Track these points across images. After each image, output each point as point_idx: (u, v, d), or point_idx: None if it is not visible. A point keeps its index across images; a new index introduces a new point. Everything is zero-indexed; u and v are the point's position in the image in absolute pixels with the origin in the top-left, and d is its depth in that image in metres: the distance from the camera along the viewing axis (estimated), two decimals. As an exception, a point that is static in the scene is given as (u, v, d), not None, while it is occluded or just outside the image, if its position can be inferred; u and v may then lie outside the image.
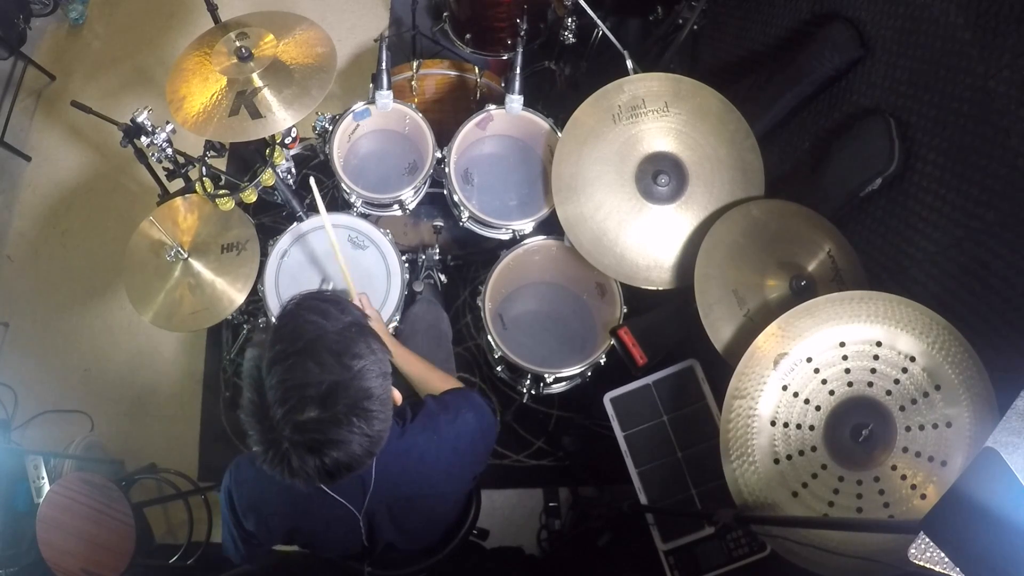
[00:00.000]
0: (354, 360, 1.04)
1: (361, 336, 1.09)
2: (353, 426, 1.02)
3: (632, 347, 1.84)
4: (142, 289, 1.93)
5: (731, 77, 2.24)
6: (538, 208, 2.02)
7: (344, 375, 1.03)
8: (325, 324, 1.06)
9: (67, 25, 3.20)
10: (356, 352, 1.06)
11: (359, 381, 1.04)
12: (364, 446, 1.04)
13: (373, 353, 1.08)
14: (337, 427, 1.01)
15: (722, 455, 1.52)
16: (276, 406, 1.00)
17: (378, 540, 1.38)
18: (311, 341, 1.04)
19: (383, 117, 2.10)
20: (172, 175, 1.96)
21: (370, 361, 1.07)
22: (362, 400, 1.04)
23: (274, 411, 1.00)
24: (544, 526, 2.47)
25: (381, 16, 3.19)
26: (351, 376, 1.03)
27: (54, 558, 1.94)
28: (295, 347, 1.02)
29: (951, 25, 1.47)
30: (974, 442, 1.41)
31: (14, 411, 2.59)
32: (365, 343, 1.09)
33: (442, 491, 1.41)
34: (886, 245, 1.67)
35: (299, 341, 1.03)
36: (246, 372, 1.05)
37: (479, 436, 1.40)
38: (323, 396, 1.00)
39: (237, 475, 1.32)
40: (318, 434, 1.01)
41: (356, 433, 1.03)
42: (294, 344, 1.03)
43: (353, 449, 1.03)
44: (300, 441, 1.00)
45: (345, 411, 1.02)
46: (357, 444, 1.03)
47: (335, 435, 1.01)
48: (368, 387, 1.05)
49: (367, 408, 1.04)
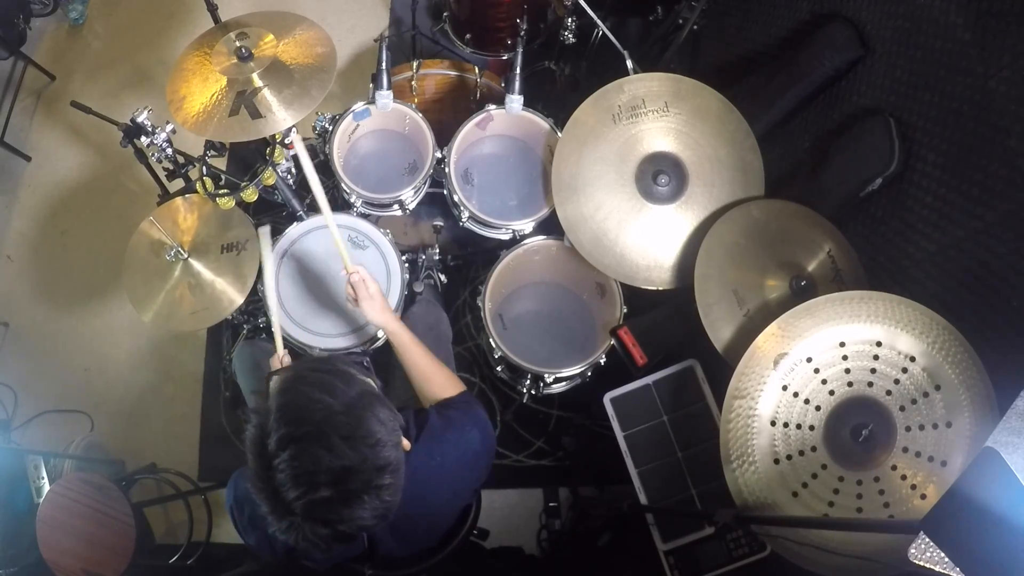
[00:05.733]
0: (365, 440, 1.02)
1: (370, 409, 1.06)
2: (365, 503, 1.01)
3: (632, 347, 1.84)
4: (142, 289, 1.93)
5: (731, 77, 2.23)
6: (538, 208, 2.02)
7: (355, 459, 1.00)
8: (332, 403, 1.03)
9: (67, 25, 3.20)
10: (367, 431, 1.03)
11: (372, 461, 1.02)
12: (376, 515, 1.04)
13: (383, 426, 1.06)
14: (350, 506, 1.00)
15: (722, 455, 1.52)
16: (287, 489, 0.98)
17: (378, 548, 1.39)
18: (319, 423, 1.00)
19: (383, 117, 2.10)
20: (172, 175, 1.96)
21: (382, 435, 1.04)
22: (375, 479, 1.02)
23: (284, 493, 0.98)
24: (544, 526, 2.47)
25: (381, 16, 3.19)
26: (362, 459, 1.01)
27: (54, 558, 1.94)
28: (302, 430, 0.99)
29: (951, 25, 1.47)
30: (974, 442, 1.41)
31: (14, 411, 2.59)
32: (375, 417, 1.05)
33: (444, 508, 1.42)
34: (886, 245, 1.67)
35: (305, 424, 1.00)
36: (249, 439, 1.02)
37: (483, 454, 1.39)
38: (335, 480, 0.98)
39: (236, 493, 1.31)
40: (331, 514, 1.00)
41: (367, 508, 1.01)
42: (300, 427, 0.99)
43: (366, 520, 1.02)
44: (312, 517, 0.99)
45: (358, 490, 1.00)
46: (369, 515, 1.02)
47: (348, 514, 1.00)
48: (381, 465, 1.03)
49: (380, 484, 1.02)
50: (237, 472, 1.33)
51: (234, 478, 1.33)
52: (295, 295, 1.95)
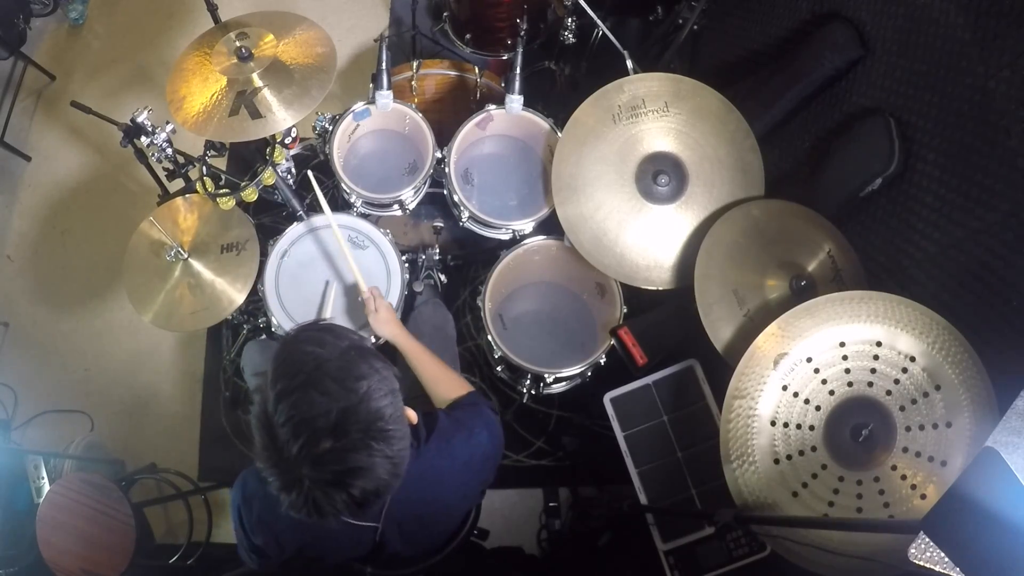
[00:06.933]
0: (358, 383, 1.03)
1: (361, 357, 1.07)
2: (372, 450, 1.00)
3: (632, 347, 1.84)
4: (142, 289, 1.93)
5: (731, 77, 2.23)
6: (538, 208, 2.02)
7: (351, 399, 1.01)
8: (323, 352, 1.05)
9: (67, 25, 3.20)
10: (359, 374, 1.04)
11: (368, 403, 1.02)
12: (388, 468, 1.03)
13: (377, 372, 1.07)
14: (356, 453, 1.00)
15: (722, 455, 1.52)
16: (289, 444, 0.98)
17: (384, 549, 1.39)
18: (312, 371, 1.02)
19: (383, 117, 2.10)
20: (172, 175, 1.96)
21: (375, 380, 1.05)
22: (375, 421, 1.02)
23: (288, 450, 0.98)
24: (544, 526, 2.47)
25: (381, 16, 3.19)
26: (358, 399, 1.01)
27: (54, 558, 1.94)
28: (296, 381, 1.00)
29: (951, 25, 1.47)
30: (974, 442, 1.41)
31: (14, 411, 2.59)
32: (367, 363, 1.07)
33: (453, 509, 1.42)
34: (886, 245, 1.67)
35: (300, 374, 1.01)
36: (254, 417, 1.03)
37: (491, 454, 1.40)
38: (334, 425, 0.99)
39: (245, 491, 1.30)
40: (338, 465, 0.99)
41: (377, 456, 1.01)
42: (295, 378, 1.01)
43: (378, 473, 1.02)
44: (321, 477, 0.99)
45: (360, 436, 1.00)
46: (381, 468, 1.02)
47: (355, 462, 1.00)
48: (378, 407, 1.03)
49: (382, 429, 1.02)
50: (245, 472, 1.32)
51: (242, 477, 1.32)
52: (295, 295, 1.95)
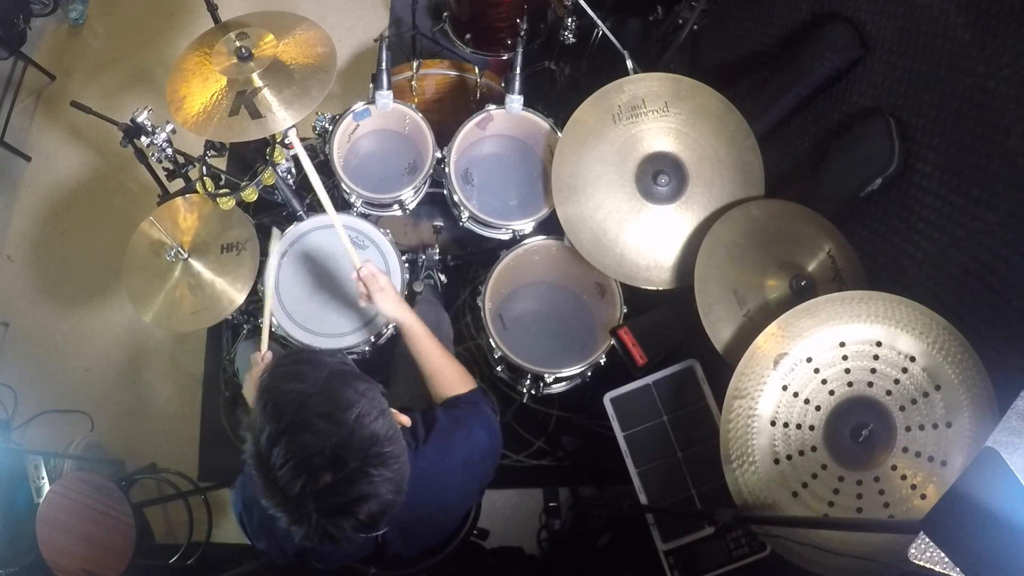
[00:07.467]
0: (346, 412, 1.02)
1: (344, 383, 1.06)
2: (372, 476, 1.00)
3: (632, 347, 1.84)
4: (142, 289, 1.93)
5: (731, 77, 2.23)
6: (538, 208, 2.02)
7: (342, 432, 1.00)
8: (304, 388, 1.03)
9: (67, 25, 3.20)
10: (345, 403, 1.03)
11: (360, 431, 1.01)
12: (390, 488, 1.03)
13: (363, 396, 1.05)
14: (357, 483, 0.99)
15: (722, 455, 1.52)
16: (290, 485, 0.98)
17: (387, 550, 1.39)
18: (296, 411, 1.01)
19: (383, 117, 2.10)
20: (172, 175, 1.96)
21: (363, 405, 1.04)
22: (371, 447, 1.01)
23: (290, 490, 0.98)
24: (544, 526, 2.47)
25: (381, 16, 3.19)
26: (349, 431, 1.01)
27: (54, 558, 1.94)
28: (283, 424, 1.00)
29: (951, 25, 1.47)
30: (974, 442, 1.41)
31: (14, 411, 2.60)
32: (351, 388, 1.05)
33: (453, 508, 1.42)
34: (886, 245, 1.67)
35: (285, 416, 1.00)
36: (249, 459, 1.03)
37: (490, 453, 1.39)
38: (331, 460, 0.98)
39: (245, 495, 1.30)
40: (341, 496, 0.99)
41: (378, 480, 1.01)
42: (281, 421, 1.00)
43: (382, 496, 1.02)
44: (327, 509, 0.99)
45: (359, 464, 1.00)
46: (383, 489, 1.02)
47: (358, 492, 1.00)
48: (372, 432, 1.02)
49: (379, 453, 1.02)
50: (242, 477, 1.32)
51: (240, 483, 1.32)
52: (295, 296, 1.95)
